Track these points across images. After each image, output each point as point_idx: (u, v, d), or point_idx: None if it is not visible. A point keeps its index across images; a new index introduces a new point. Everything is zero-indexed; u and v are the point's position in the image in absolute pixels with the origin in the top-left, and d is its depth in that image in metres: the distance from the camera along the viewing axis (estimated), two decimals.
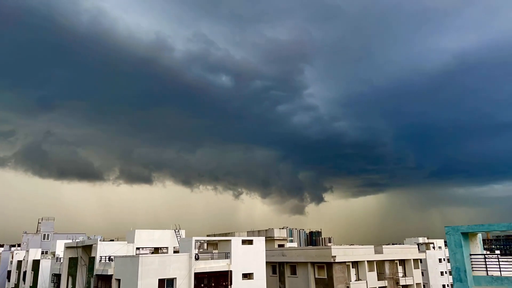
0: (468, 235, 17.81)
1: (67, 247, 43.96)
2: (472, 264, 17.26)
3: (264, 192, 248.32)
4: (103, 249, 37.25)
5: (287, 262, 46.44)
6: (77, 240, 45.00)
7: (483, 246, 19.66)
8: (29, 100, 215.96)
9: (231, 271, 34.67)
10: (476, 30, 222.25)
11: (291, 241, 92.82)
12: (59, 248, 51.64)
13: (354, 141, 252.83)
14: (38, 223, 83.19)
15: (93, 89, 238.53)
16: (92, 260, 38.34)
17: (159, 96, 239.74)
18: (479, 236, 18.91)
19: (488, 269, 16.93)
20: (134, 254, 38.13)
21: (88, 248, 40.52)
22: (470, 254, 17.47)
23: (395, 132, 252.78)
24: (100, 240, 39.57)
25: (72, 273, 42.27)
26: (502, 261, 17.10)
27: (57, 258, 49.23)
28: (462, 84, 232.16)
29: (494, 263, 16.90)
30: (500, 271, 16.57)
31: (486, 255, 17.45)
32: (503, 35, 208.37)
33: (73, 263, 42.38)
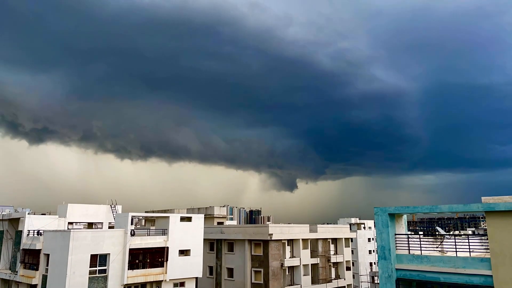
0: (394, 216, 18.93)
1: None
2: (396, 243, 18.42)
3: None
4: (31, 223, 35.40)
5: (225, 239, 46.94)
6: (3, 213, 42.37)
7: (409, 228, 21.02)
8: None
9: (167, 247, 34.46)
10: None
11: (231, 219, 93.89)
12: None
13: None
14: None
15: None
16: (19, 234, 36.36)
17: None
18: (404, 217, 20.18)
19: (410, 248, 18.16)
20: (66, 229, 36.61)
21: (15, 221, 38.32)
22: (395, 234, 18.62)
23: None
24: (28, 214, 37.51)
25: None
26: (423, 241, 18.41)
27: None
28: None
29: (416, 242, 18.15)
30: (421, 250, 17.84)
31: (409, 235, 18.67)
32: None
33: None
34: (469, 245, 16.80)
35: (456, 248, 16.98)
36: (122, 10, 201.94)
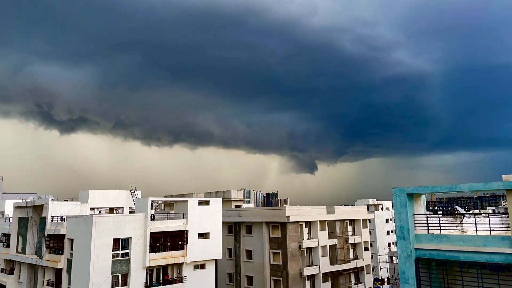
0: (413, 196, 18.81)
1: (17, 207, 42.52)
2: (415, 223, 18.36)
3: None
4: (54, 209, 36.36)
5: (243, 222, 47.48)
6: (27, 200, 43.57)
7: (428, 208, 20.89)
8: None
9: (187, 230, 35.05)
10: None
11: (248, 202, 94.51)
12: (8, 208, 49.80)
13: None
14: None
15: None
16: (43, 220, 37.42)
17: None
18: (423, 197, 20.03)
19: (429, 227, 18.09)
20: (88, 214, 37.53)
21: (39, 208, 39.39)
22: (414, 214, 18.53)
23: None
24: (51, 200, 38.52)
25: (22, 233, 41.13)
26: (442, 221, 18.29)
27: (6, 217, 47.60)
28: None
29: (435, 222, 18.06)
30: (440, 229, 17.75)
31: (428, 215, 18.58)
32: None
33: (23, 223, 41.17)
34: (489, 224, 16.64)
35: (476, 227, 16.85)
36: (152, 5, 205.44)
